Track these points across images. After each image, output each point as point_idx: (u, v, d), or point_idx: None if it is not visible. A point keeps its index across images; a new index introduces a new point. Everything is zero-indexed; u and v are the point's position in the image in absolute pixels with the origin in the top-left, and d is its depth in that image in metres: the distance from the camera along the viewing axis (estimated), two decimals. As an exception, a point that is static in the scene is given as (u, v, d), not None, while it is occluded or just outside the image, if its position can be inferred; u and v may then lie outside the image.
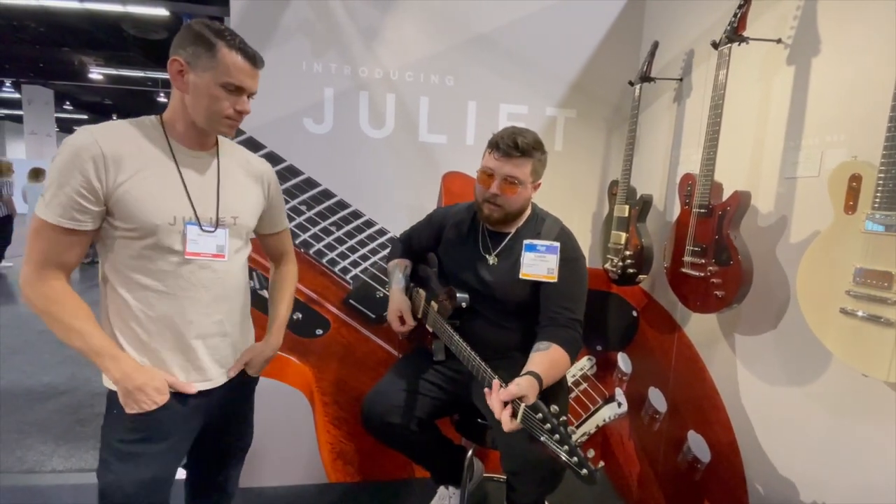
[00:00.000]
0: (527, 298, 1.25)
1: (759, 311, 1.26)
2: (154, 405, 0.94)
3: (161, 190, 0.94)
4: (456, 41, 1.73)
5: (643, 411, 1.81)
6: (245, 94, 0.97)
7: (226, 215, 1.02)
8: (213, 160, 1.03)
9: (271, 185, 1.16)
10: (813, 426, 1.11)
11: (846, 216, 0.89)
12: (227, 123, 0.97)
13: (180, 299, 0.97)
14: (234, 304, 1.07)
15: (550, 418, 0.86)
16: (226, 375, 1.07)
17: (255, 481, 1.84)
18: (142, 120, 0.98)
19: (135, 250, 0.94)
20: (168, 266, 0.95)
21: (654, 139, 1.77)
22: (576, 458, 0.82)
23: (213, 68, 0.91)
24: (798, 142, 1.17)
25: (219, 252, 1.00)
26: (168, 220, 0.94)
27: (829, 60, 1.11)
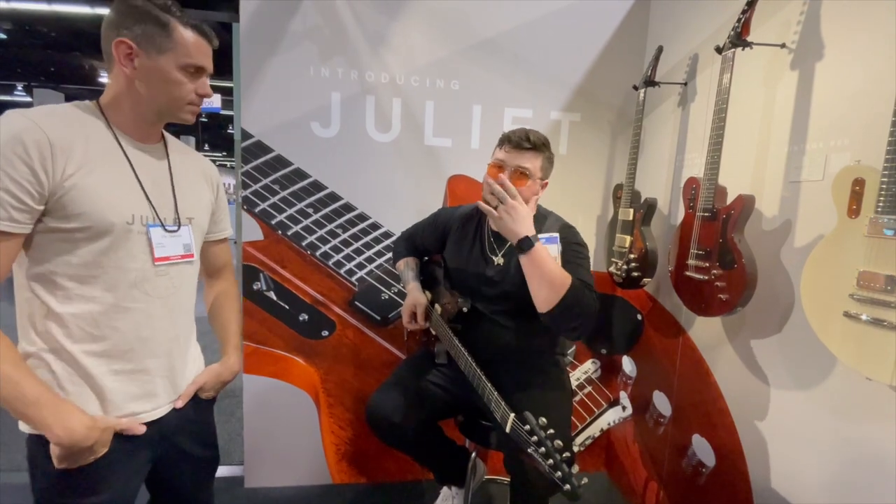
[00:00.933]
0: None
1: (763, 315, 1.26)
2: (93, 458, 0.80)
3: (114, 184, 0.82)
4: (461, 46, 1.75)
5: (648, 415, 1.81)
6: (205, 74, 0.88)
7: (183, 215, 0.92)
8: (164, 155, 0.93)
9: (219, 185, 1.07)
10: (818, 430, 1.11)
11: (849, 220, 0.89)
12: (190, 109, 0.89)
13: (133, 312, 0.84)
14: (188, 316, 0.97)
15: (538, 431, 0.86)
16: (175, 401, 0.94)
17: (261, 481, 1.86)
18: (78, 105, 0.85)
19: (81, 256, 0.79)
20: (120, 274, 0.82)
21: (658, 143, 1.78)
22: (559, 472, 0.82)
23: (171, 49, 0.82)
24: (802, 146, 1.17)
25: (186, 252, 0.91)
26: (126, 218, 0.82)
27: (832, 65, 1.11)
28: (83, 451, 0.78)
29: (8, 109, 0.82)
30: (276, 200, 1.73)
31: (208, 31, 0.88)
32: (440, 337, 1.34)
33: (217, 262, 1.11)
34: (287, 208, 1.75)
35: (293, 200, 1.75)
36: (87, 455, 0.79)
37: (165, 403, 0.92)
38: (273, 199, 1.73)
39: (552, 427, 0.92)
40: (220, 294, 1.11)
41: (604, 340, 2.02)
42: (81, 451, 0.78)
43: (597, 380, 2.05)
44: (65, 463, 0.78)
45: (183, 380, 0.96)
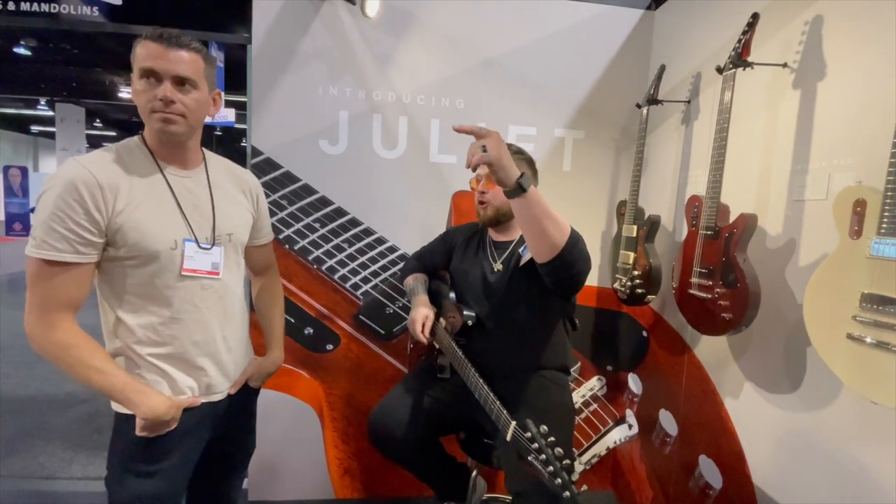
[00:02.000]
0: (534, 291, 1.22)
1: (768, 335, 1.25)
2: (168, 429, 0.96)
3: (159, 215, 0.93)
4: (466, 65, 1.78)
5: (654, 434, 1.78)
6: (163, 79, 0.89)
7: (221, 233, 1.02)
8: (204, 177, 1.02)
9: (259, 196, 1.16)
10: (825, 453, 1.09)
11: (851, 241, 0.89)
12: (157, 117, 0.90)
13: (186, 322, 0.97)
14: (236, 320, 1.08)
15: (538, 438, 0.87)
16: (229, 388, 1.08)
17: (265, 495, 1.86)
18: (126, 144, 0.96)
19: (137, 278, 0.92)
20: (171, 291, 0.95)
21: (662, 160, 1.78)
22: (559, 479, 0.83)
23: (134, 64, 0.90)
24: (805, 165, 1.17)
25: (213, 269, 1.00)
26: (169, 244, 0.93)
27: (835, 84, 1.11)
28: (162, 425, 0.94)
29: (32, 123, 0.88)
30: (283, 216, 1.77)
31: (168, 35, 0.89)
32: (444, 350, 1.35)
33: (261, 264, 1.24)
34: (294, 223, 1.78)
35: (301, 216, 1.78)
36: (164, 427, 0.95)
37: (220, 391, 1.05)
38: (281, 214, 1.76)
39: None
40: (264, 292, 1.26)
41: (609, 357, 2.01)
42: (161, 424, 0.94)
43: (602, 397, 2.03)
44: (145, 432, 0.94)
45: (235, 371, 1.09)
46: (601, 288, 1.96)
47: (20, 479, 1.97)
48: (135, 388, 0.92)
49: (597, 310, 1.98)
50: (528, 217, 0.98)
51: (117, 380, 0.91)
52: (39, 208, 0.86)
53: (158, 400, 0.93)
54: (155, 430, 0.94)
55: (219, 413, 1.06)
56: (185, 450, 1.00)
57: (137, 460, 0.95)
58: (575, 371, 2.00)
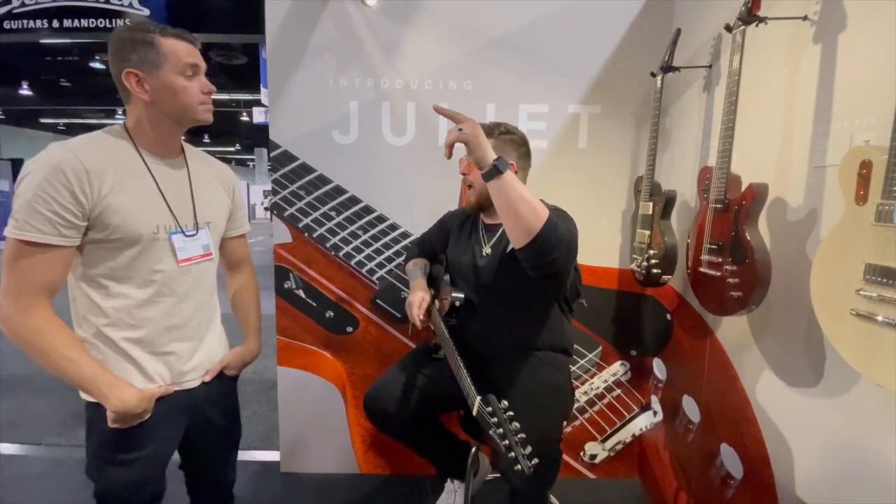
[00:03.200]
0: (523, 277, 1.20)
1: (789, 314, 1.15)
2: (139, 421, 0.96)
3: (141, 200, 0.94)
4: (472, 47, 1.76)
5: (678, 421, 1.70)
6: (201, 71, 0.97)
7: (201, 220, 1.04)
8: (183, 167, 1.05)
9: (235, 188, 1.18)
10: (845, 440, 1.00)
11: (857, 207, 0.80)
12: (204, 108, 0.98)
13: (161, 306, 0.98)
14: (209, 307, 1.09)
15: (499, 413, 0.88)
16: (203, 376, 1.08)
17: (296, 467, 1.99)
18: (109, 130, 0.97)
19: (116, 261, 0.93)
20: (148, 274, 0.96)
21: (683, 131, 1.67)
22: (512, 453, 0.84)
23: (166, 62, 0.92)
24: (826, 127, 1.06)
25: (205, 251, 1.04)
26: (151, 229, 0.95)
27: (855, 36, 0.99)
28: (133, 417, 0.95)
29: None
30: (302, 205, 1.85)
31: (188, 35, 0.97)
32: (435, 331, 1.37)
33: (235, 256, 1.23)
34: (312, 212, 1.86)
35: (317, 205, 1.86)
36: (135, 420, 0.95)
37: (194, 378, 1.06)
38: (299, 203, 1.85)
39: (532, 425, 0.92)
40: (240, 287, 1.24)
41: (633, 341, 1.93)
42: (132, 417, 0.94)
43: (626, 382, 1.96)
44: (117, 424, 0.94)
45: (208, 359, 1.10)
46: (623, 269, 1.89)
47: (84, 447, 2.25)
48: (106, 381, 0.91)
49: (618, 292, 1.90)
50: (503, 200, 0.98)
51: (89, 371, 0.90)
52: (21, 190, 0.85)
53: (129, 393, 0.92)
54: (126, 422, 0.94)
55: (195, 401, 1.07)
56: (161, 437, 1.01)
57: (114, 450, 0.96)
58: (596, 355, 1.95)
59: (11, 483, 1.91)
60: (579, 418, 1.97)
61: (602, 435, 1.99)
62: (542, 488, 1.18)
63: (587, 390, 1.96)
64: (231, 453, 1.23)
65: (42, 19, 2.09)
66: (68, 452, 2.17)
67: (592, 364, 1.95)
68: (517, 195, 0.97)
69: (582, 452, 1.99)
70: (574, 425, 1.98)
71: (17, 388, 2.94)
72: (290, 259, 1.89)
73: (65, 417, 2.55)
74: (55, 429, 2.43)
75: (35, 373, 3.20)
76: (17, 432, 2.40)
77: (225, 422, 1.17)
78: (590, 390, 1.96)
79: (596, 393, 1.97)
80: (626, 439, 1.98)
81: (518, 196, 0.97)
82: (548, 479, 1.16)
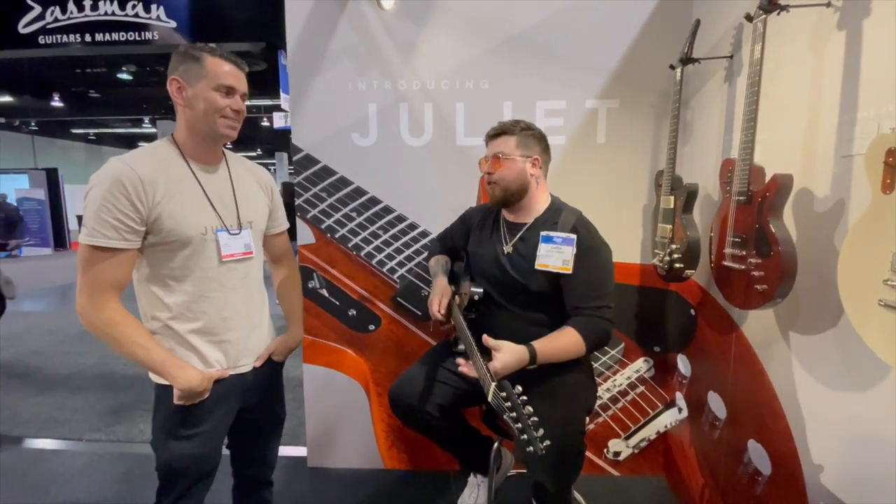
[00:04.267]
0: (547, 289, 1.26)
1: (816, 307, 1.13)
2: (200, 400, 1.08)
3: (190, 205, 1.05)
4: (489, 45, 1.77)
5: (703, 417, 1.68)
6: (237, 94, 1.07)
7: (244, 220, 1.15)
8: (225, 172, 1.15)
9: (273, 189, 1.28)
10: (876, 434, 0.97)
11: (884, 196, 0.78)
12: (226, 124, 1.06)
13: (214, 300, 1.09)
14: (257, 299, 1.20)
15: (512, 397, 0.93)
16: (254, 362, 1.19)
17: (322, 462, 2.04)
18: (159, 144, 1.09)
19: (172, 261, 1.05)
20: (201, 272, 1.07)
21: (705, 123, 1.64)
22: (525, 435, 0.88)
23: (205, 76, 1.02)
24: (853, 115, 1.04)
25: (247, 250, 1.13)
26: (200, 231, 1.06)
27: (880, 21, 0.97)
28: (196, 395, 1.07)
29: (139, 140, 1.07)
30: (324, 207, 1.90)
31: (237, 59, 1.08)
32: (455, 325, 1.39)
33: (277, 251, 1.35)
34: (334, 213, 1.90)
35: (339, 206, 1.90)
36: (197, 397, 1.07)
37: (246, 364, 1.17)
38: (322, 205, 1.90)
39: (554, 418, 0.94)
40: (283, 279, 1.37)
41: (656, 337, 1.91)
42: (195, 395, 1.07)
43: (650, 379, 1.94)
44: (182, 401, 1.06)
45: (258, 346, 1.21)
46: (644, 265, 1.87)
47: (123, 443, 2.35)
48: (173, 363, 1.04)
49: (640, 288, 1.89)
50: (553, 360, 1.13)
51: (157, 355, 1.03)
52: (89, 202, 0.98)
53: (193, 374, 1.05)
54: (190, 399, 1.06)
55: (246, 384, 1.17)
56: (217, 416, 1.13)
57: (177, 426, 1.09)
58: (618, 352, 1.93)
59: (53, 478, 2.01)
60: (602, 415, 1.97)
61: (626, 432, 1.97)
62: (565, 482, 1.19)
63: (610, 387, 1.95)
64: (276, 432, 1.34)
65: (74, 34, 2.19)
66: (107, 448, 2.27)
67: (615, 361, 1.94)
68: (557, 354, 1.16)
69: (606, 449, 1.99)
70: (597, 422, 1.97)
71: (59, 387, 3.09)
72: (314, 259, 1.94)
73: (103, 414, 2.67)
74: (95, 425, 2.54)
75: (76, 371, 3.36)
76: (58, 429, 2.51)
77: (271, 405, 1.29)
78: (613, 387, 1.95)
79: (619, 390, 1.95)
80: (650, 436, 1.97)
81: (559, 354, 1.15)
82: (571, 472, 1.16)
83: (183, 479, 1.11)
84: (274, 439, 1.34)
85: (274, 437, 1.34)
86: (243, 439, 1.28)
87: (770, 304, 1.14)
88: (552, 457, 1.09)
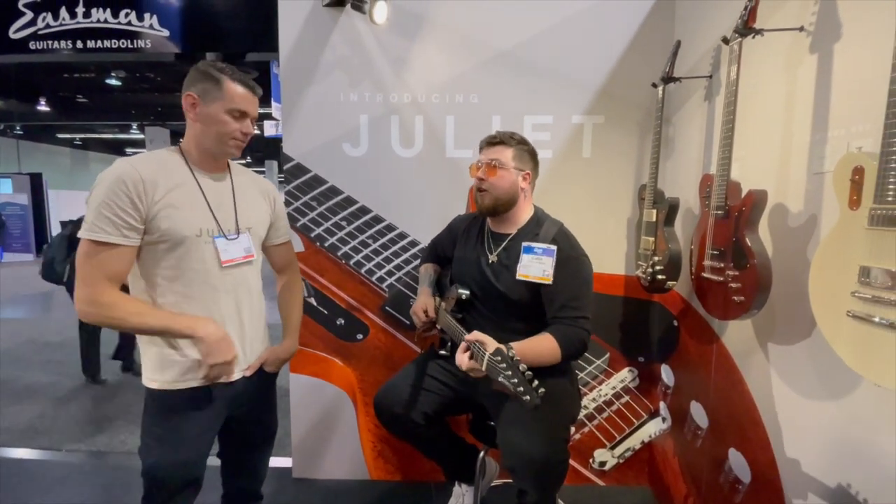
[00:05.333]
0: (526, 299, 1.28)
1: (791, 318, 1.17)
2: (232, 356, 1.07)
3: (187, 207, 1.07)
4: (478, 60, 1.82)
5: (686, 427, 1.71)
6: (248, 118, 1.11)
7: (242, 226, 1.16)
8: (228, 180, 1.18)
9: (276, 199, 1.30)
10: (853, 443, 1.01)
11: (850, 212, 0.83)
12: (234, 144, 1.11)
13: (206, 302, 1.09)
14: (251, 307, 1.19)
15: (507, 359, 0.97)
16: (244, 371, 1.17)
17: (307, 473, 2.02)
18: (165, 151, 1.13)
19: (166, 260, 1.06)
20: (193, 274, 1.08)
21: (686, 140, 1.70)
22: (521, 387, 0.92)
23: (221, 98, 1.06)
24: (824, 134, 1.09)
25: (248, 253, 1.15)
26: (195, 231, 1.07)
27: (850, 45, 1.03)
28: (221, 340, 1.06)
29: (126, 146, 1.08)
30: (314, 216, 1.91)
31: (253, 85, 1.12)
32: (444, 328, 1.41)
33: (281, 261, 1.36)
34: (324, 222, 1.91)
35: (329, 215, 1.91)
36: (224, 345, 1.06)
37: (235, 371, 1.15)
38: (311, 214, 1.91)
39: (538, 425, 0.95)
40: (284, 287, 1.37)
41: (640, 347, 1.94)
42: (221, 339, 1.06)
43: (635, 389, 1.97)
44: (209, 359, 1.05)
45: (251, 354, 1.20)
46: (628, 276, 1.91)
47: (104, 453, 2.30)
48: (184, 318, 1.05)
49: (625, 298, 1.93)
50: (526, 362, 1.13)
51: (166, 315, 1.04)
52: (92, 198, 1.01)
53: (213, 325, 1.06)
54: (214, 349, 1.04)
55: (235, 393, 1.16)
56: (201, 424, 1.12)
57: (160, 431, 1.09)
58: (604, 362, 1.96)
59: (32, 489, 1.96)
60: (588, 425, 1.99)
61: (611, 442, 1.99)
62: (549, 490, 1.20)
63: (595, 397, 1.98)
64: (266, 446, 1.33)
65: (66, 40, 2.19)
66: (88, 458, 2.22)
67: (600, 371, 1.97)
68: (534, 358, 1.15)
69: (591, 459, 2.00)
70: (583, 432, 1.99)
71: (39, 395, 3.02)
72: (303, 268, 1.93)
73: (84, 424, 2.62)
74: (76, 435, 2.49)
75: (56, 380, 3.28)
76: (38, 438, 2.46)
77: (262, 415, 1.28)
78: (598, 397, 1.98)
79: (604, 400, 1.98)
80: (635, 446, 1.99)
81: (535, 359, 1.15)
82: (555, 480, 1.18)
83: (166, 485, 1.10)
84: (264, 451, 1.32)
85: (264, 450, 1.32)
86: (233, 450, 1.27)
87: (747, 315, 1.17)
88: (536, 465, 1.11)
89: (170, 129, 10.27)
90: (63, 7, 2.03)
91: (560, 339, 1.19)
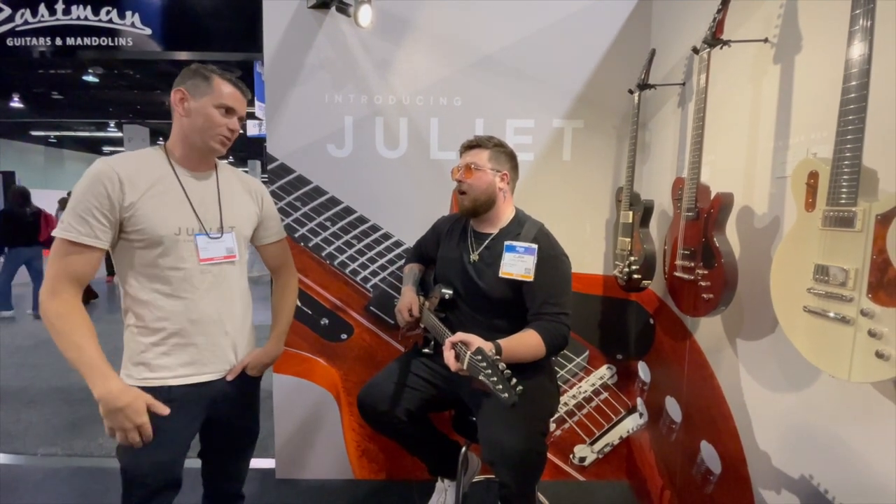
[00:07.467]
0: (509, 296, 1.33)
1: (757, 315, 1.23)
2: (132, 426, 1.01)
3: (167, 206, 1.07)
4: (462, 64, 1.85)
5: (661, 421, 1.77)
6: (235, 115, 1.13)
7: (226, 225, 1.16)
8: (213, 178, 1.18)
9: (264, 198, 1.29)
10: (813, 432, 1.07)
11: (807, 214, 0.88)
12: (220, 140, 1.12)
13: (185, 300, 1.09)
14: (233, 306, 1.17)
15: (487, 357, 1.00)
16: (224, 373, 1.17)
17: (291, 473, 2.02)
18: (148, 149, 1.14)
19: (145, 259, 1.06)
20: (173, 272, 1.08)
21: (661, 144, 1.76)
22: (500, 385, 0.95)
23: (209, 94, 1.09)
24: (786, 140, 1.15)
25: (229, 253, 1.15)
26: (173, 230, 1.07)
27: (809, 56, 1.09)
28: (119, 415, 1.00)
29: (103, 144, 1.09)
30: (298, 216, 1.92)
31: (242, 86, 1.15)
32: (428, 328, 1.44)
33: (274, 261, 1.35)
34: (308, 222, 1.93)
35: (313, 215, 1.92)
36: (123, 419, 1.01)
37: (213, 372, 1.15)
38: (296, 214, 1.92)
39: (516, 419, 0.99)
40: (277, 288, 1.36)
41: (618, 345, 2.00)
42: (118, 414, 1.00)
43: (613, 385, 2.03)
44: (107, 419, 1.01)
45: (234, 355, 1.19)
46: (606, 276, 1.96)
47: (80, 457, 2.26)
48: (101, 372, 1.00)
49: (603, 298, 1.98)
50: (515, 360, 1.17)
51: (88, 359, 0.99)
52: (71, 198, 1.02)
53: (115, 385, 1.00)
54: (113, 420, 1.00)
55: (214, 393, 1.15)
56: (178, 424, 1.10)
57: None
58: (583, 360, 2.01)
59: (7, 493, 1.92)
60: (568, 421, 2.03)
61: (590, 437, 2.05)
62: (529, 482, 1.24)
63: (575, 394, 2.02)
64: (247, 449, 1.32)
65: (45, 37, 2.16)
66: (63, 462, 2.18)
67: (580, 368, 2.02)
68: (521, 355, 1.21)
69: (571, 455, 2.05)
70: (563, 428, 2.04)
71: (13, 399, 2.95)
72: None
73: (60, 428, 2.56)
74: (51, 439, 2.44)
75: (30, 384, 3.20)
76: (12, 442, 2.40)
77: (244, 419, 1.26)
78: (578, 394, 2.03)
79: (584, 396, 2.03)
80: (614, 441, 2.04)
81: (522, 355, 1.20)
82: (534, 472, 1.22)
83: (143, 485, 1.09)
84: (246, 454, 1.32)
85: (246, 452, 1.31)
86: (214, 452, 1.26)
87: (715, 312, 1.23)
88: (515, 458, 1.15)
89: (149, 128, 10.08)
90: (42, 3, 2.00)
91: (543, 334, 1.23)
